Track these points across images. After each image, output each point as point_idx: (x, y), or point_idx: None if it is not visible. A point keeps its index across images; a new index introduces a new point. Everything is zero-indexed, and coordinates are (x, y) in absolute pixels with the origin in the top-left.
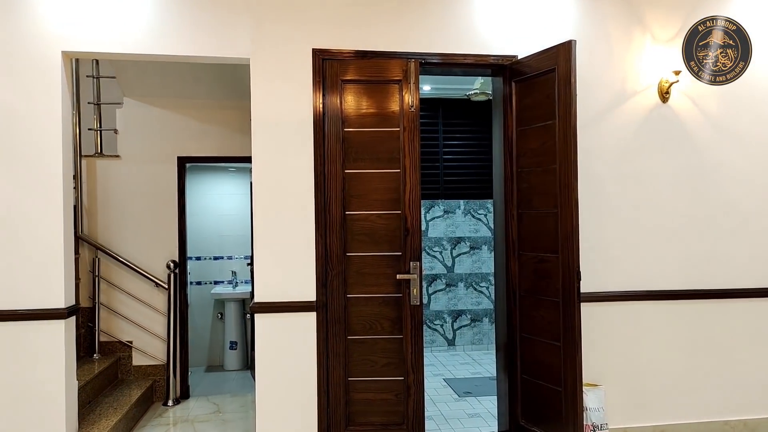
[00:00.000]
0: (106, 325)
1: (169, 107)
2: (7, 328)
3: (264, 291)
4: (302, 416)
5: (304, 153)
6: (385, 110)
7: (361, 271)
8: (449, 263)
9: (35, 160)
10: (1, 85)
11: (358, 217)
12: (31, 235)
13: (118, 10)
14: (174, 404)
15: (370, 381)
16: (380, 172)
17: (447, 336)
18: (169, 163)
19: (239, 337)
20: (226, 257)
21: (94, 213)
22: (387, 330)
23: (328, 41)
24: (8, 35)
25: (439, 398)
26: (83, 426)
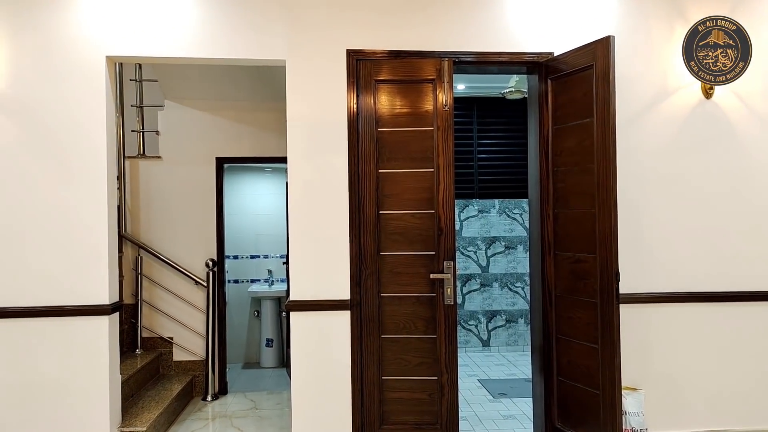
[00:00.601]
0: (148, 322)
1: (208, 109)
2: (54, 323)
3: (299, 289)
4: (337, 414)
5: (338, 153)
6: (418, 110)
7: (395, 270)
8: (484, 263)
9: (82, 161)
10: (50, 90)
11: (392, 217)
12: (77, 233)
13: (160, 16)
14: (212, 399)
15: (404, 380)
16: (414, 171)
17: (481, 336)
18: (208, 164)
19: (275, 334)
20: (262, 256)
21: (136, 212)
22: (421, 329)
23: (362, 42)
24: (56, 42)
25: (473, 399)
26: (126, 419)
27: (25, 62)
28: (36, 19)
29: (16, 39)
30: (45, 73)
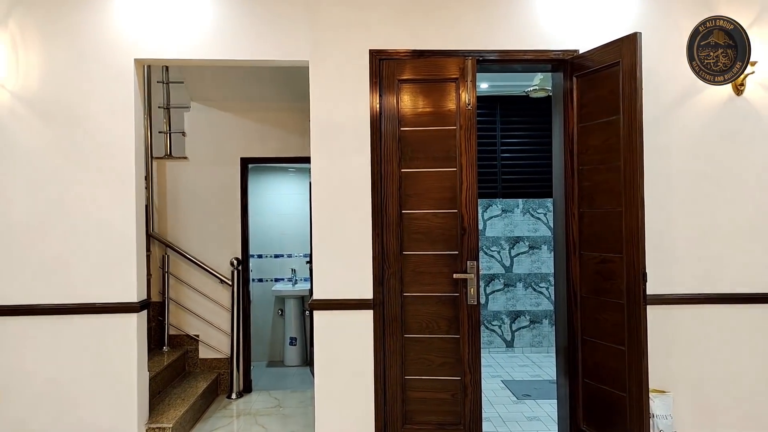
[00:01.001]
0: (175, 319)
1: (233, 110)
2: (85, 320)
3: (322, 288)
4: (360, 413)
5: (361, 153)
6: (441, 109)
7: (418, 269)
8: (507, 263)
9: (111, 161)
10: (81, 92)
11: (415, 216)
12: (107, 233)
13: (186, 19)
14: (237, 397)
15: (427, 380)
16: (436, 170)
17: (505, 337)
18: (233, 164)
19: (299, 333)
20: (286, 255)
21: (163, 212)
22: (443, 329)
23: (385, 42)
24: (88, 46)
25: (497, 400)
26: (153, 415)
27: (58, 66)
28: (69, 24)
29: (51, 43)
30: (77, 76)
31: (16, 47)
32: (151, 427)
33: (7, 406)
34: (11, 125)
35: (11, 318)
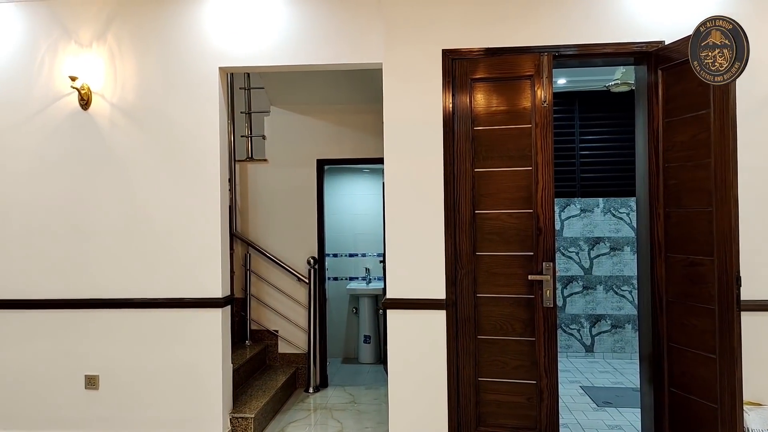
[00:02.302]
0: (256, 315)
1: (310, 113)
2: (174, 314)
3: (395, 288)
4: (433, 413)
5: (434, 153)
6: (516, 107)
7: (491, 270)
8: (587, 265)
9: (198, 165)
10: (171, 100)
11: (488, 216)
12: (193, 232)
13: (265, 28)
14: (314, 392)
15: (501, 382)
16: (511, 170)
17: (584, 342)
18: (309, 166)
19: (372, 331)
20: (360, 254)
21: (245, 212)
22: (518, 331)
23: (458, 41)
24: (176, 55)
25: (575, 406)
26: (237, 405)
27: (150, 75)
28: (159, 36)
29: (143, 55)
30: (166, 85)
31: (114, 60)
32: (234, 416)
33: (104, 392)
34: (110, 133)
35: (106, 310)
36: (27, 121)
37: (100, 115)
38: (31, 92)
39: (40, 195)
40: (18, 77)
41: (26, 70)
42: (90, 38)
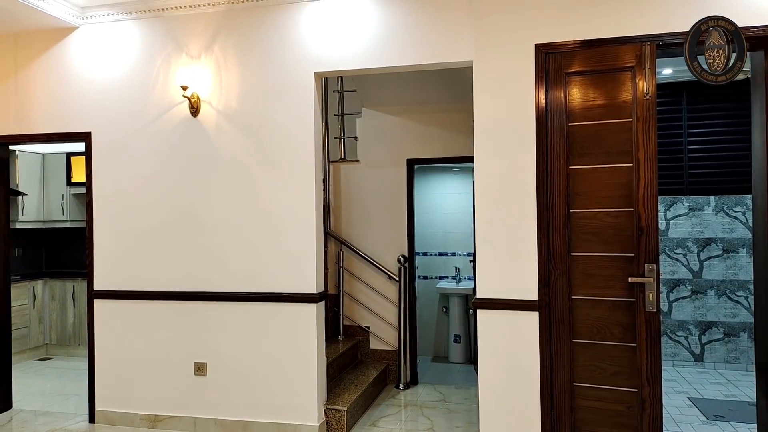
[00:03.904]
0: (349, 311)
1: (400, 114)
2: (273, 307)
3: (485, 287)
4: (525, 416)
5: (525, 150)
6: (614, 100)
7: (588, 272)
8: (695, 267)
9: (294, 166)
10: (269, 105)
11: (584, 215)
12: (290, 230)
13: (357, 32)
14: (404, 388)
15: (599, 389)
16: (609, 167)
17: (693, 350)
18: (400, 166)
19: (462, 331)
20: (450, 254)
21: (338, 211)
22: (617, 336)
23: (551, 35)
24: (274, 63)
25: (682, 418)
26: (330, 397)
27: (251, 82)
28: (259, 45)
29: (245, 64)
30: (266, 91)
31: (219, 69)
32: (329, 408)
33: (211, 379)
34: (216, 137)
35: (214, 303)
36: (146, 128)
37: (207, 120)
38: (149, 101)
39: (160, 195)
40: (138, 88)
41: (145, 82)
42: (199, 50)
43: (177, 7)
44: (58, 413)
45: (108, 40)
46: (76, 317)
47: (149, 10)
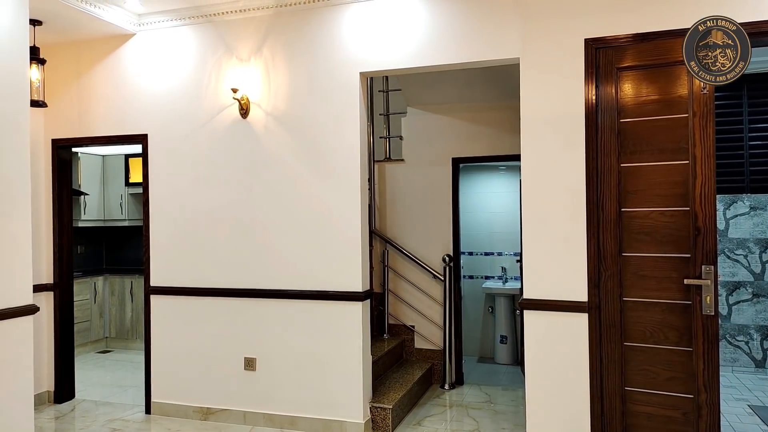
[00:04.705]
0: (393, 310)
1: (445, 113)
2: (320, 305)
3: (533, 288)
4: (574, 420)
5: (574, 148)
6: (669, 95)
7: (640, 273)
8: (758, 269)
9: (340, 166)
10: (316, 105)
11: (636, 215)
12: (336, 229)
13: (402, 31)
14: (449, 388)
15: (651, 394)
16: (663, 164)
17: (754, 356)
18: (445, 165)
19: (509, 331)
20: (496, 253)
21: (383, 210)
22: (672, 340)
23: (601, 29)
24: (320, 64)
25: (741, 427)
26: (375, 395)
27: (298, 83)
28: (306, 46)
29: (292, 65)
30: (312, 92)
31: (268, 72)
32: (374, 405)
33: (260, 374)
34: (265, 138)
35: (263, 300)
36: (198, 130)
37: (256, 122)
38: (201, 104)
39: (211, 195)
40: (191, 91)
41: (198, 85)
42: (249, 53)
43: (228, 11)
44: (116, 404)
45: (163, 45)
46: (133, 312)
47: (202, 15)
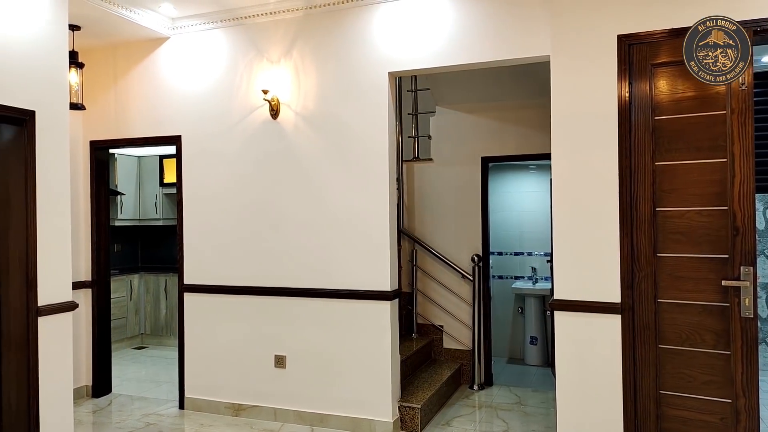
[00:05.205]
0: (422, 309)
1: (474, 111)
2: (349, 304)
3: (564, 288)
4: (607, 423)
5: (606, 146)
6: (706, 92)
7: (675, 274)
8: None
9: (368, 165)
10: (343, 106)
11: (671, 214)
12: (365, 228)
13: (430, 31)
14: (478, 389)
15: (687, 398)
16: (699, 162)
17: None
18: (474, 164)
19: (539, 332)
20: (526, 253)
21: (412, 210)
22: (708, 343)
23: (635, 25)
24: (348, 65)
25: None
26: (404, 395)
27: (327, 84)
28: (335, 47)
29: (321, 67)
30: (341, 92)
31: (298, 73)
32: (402, 405)
33: (291, 371)
34: (295, 138)
35: (293, 298)
36: (230, 131)
37: (286, 122)
38: (233, 105)
39: (242, 194)
40: (223, 93)
41: (229, 87)
42: (279, 55)
43: (259, 14)
44: (151, 399)
45: (195, 48)
46: (167, 309)
47: (233, 18)
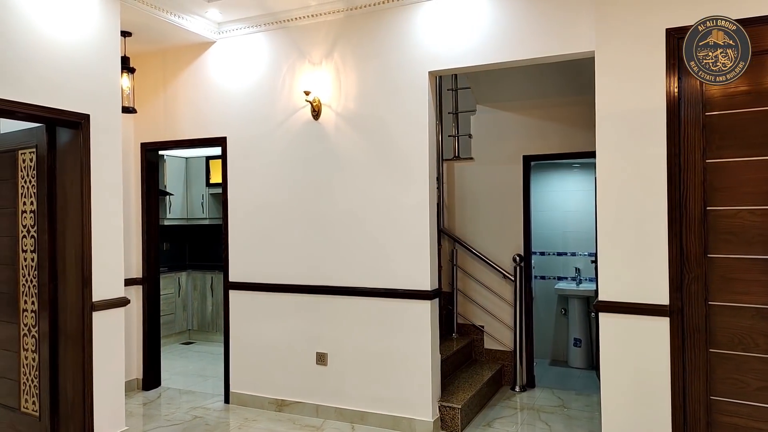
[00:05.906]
0: (462, 309)
1: (515, 110)
2: (390, 303)
3: (609, 290)
4: (654, 429)
5: (654, 144)
6: (762, 86)
7: (728, 276)
8: None
9: (409, 165)
10: (384, 105)
11: (723, 214)
12: (406, 227)
13: (470, 29)
14: (520, 391)
15: (740, 404)
16: (755, 159)
17: None
18: (515, 163)
19: (583, 334)
20: (569, 254)
21: (452, 209)
22: (763, 348)
23: (683, 17)
24: (389, 65)
25: None
26: (444, 394)
27: (368, 85)
28: (375, 48)
29: (362, 67)
30: (382, 92)
31: (339, 74)
32: (443, 405)
33: (332, 369)
34: (336, 137)
35: (335, 297)
36: (273, 131)
37: (328, 123)
38: (276, 107)
39: (285, 194)
40: (267, 95)
41: (272, 89)
42: (320, 57)
43: (301, 17)
44: (198, 393)
45: (240, 52)
46: (213, 306)
47: (276, 21)
